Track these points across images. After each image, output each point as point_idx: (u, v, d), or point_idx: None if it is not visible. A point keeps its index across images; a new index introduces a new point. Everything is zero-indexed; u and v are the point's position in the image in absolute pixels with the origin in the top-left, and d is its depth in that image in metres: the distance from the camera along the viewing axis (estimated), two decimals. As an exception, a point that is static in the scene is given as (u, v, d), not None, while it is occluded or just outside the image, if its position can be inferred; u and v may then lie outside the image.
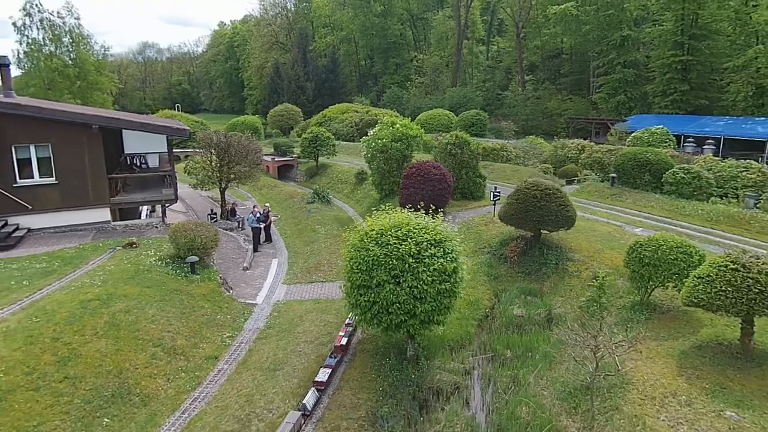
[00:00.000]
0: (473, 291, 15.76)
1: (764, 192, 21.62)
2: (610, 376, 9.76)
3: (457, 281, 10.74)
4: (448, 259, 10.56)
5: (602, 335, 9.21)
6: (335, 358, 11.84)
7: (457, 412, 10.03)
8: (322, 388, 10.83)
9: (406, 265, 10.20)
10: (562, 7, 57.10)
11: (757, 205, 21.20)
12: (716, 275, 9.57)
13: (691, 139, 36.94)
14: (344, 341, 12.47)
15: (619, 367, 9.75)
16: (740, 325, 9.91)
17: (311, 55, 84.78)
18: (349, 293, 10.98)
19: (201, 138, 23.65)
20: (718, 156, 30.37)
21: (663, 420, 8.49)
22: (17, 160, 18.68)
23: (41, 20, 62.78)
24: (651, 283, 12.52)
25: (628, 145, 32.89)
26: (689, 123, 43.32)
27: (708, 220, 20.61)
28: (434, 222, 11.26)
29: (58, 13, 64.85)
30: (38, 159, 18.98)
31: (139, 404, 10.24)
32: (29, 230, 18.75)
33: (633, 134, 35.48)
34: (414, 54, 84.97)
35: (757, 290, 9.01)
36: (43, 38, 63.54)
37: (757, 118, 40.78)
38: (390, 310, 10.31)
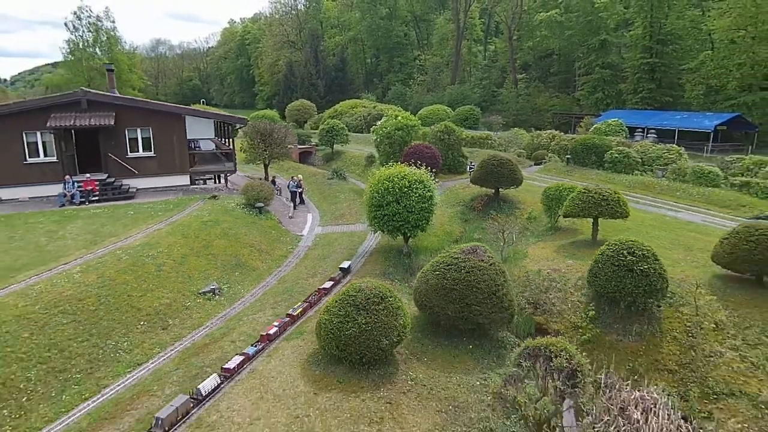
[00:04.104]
0: (449, 227, 23.35)
1: (671, 166, 29.04)
2: (518, 253, 17.33)
3: (432, 204, 18.33)
4: (426, 190, 18.13)
5: (507, 226, 16.79)
6: (255, 347, 12.22)
7: (431, 275, 17.57)
8: (229, 374, 11.30)
9: (402, 192, 17.76)
10: (548, 13, 64.30)
11: (664, 176, 28.68)
12: (576, 197, 17.10)
13: (640, 130, 44.40)
14: (273, 330, 12.86)
15: (514, 240, 17.33)
16: (591, 225, 17.43)
17: (322, 55, 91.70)
18: (369, 211, 18.53)
19: (251, 125, 31.23)
20: (659, 143, 37.75)
21: (535, 267, 16.06)
22: (129, 139, 26.35)
23: (87, 24, 70.64)
24: (556, 211, 20.04)
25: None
26: (653, 117, 50.58)
27: (627, 186, 28.08)
28: (420, 171, 18.82)
29: (98, 17, 72.83)
30: (142, 138, 26.64)
31: (250, 270, 17.98)
32: (137, 189, 26.40)
33: (594, 126, 42.86)
34: (417, 53, 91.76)
35: (594, 201, 16.54)
36: (86, 39, 71.36)
37: (706, 113, 48.01)
38: (394, 218, 17.87)
